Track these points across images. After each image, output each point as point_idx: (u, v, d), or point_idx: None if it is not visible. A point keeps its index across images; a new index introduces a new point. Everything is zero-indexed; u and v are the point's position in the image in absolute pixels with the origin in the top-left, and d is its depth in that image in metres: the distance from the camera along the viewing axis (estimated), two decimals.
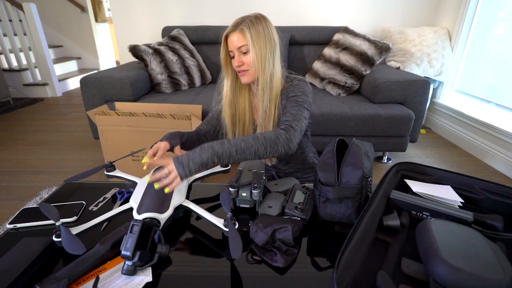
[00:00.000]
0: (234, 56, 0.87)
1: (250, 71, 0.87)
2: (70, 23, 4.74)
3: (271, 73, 0.87)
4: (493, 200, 0.67)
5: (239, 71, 0.89)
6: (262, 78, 0.87)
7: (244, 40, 0.84)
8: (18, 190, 1.72)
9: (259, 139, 0.72)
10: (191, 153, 0.67)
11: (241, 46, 0.84)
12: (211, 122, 1.02)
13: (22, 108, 3.28)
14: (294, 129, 0.78)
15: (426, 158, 2.16)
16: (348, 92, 2.18)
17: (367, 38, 2.19)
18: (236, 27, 0.84)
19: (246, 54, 0.85)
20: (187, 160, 0.66)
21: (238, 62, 0.86)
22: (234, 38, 0.85)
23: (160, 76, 2.14)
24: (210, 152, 0.67)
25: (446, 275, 0.43)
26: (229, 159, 0.70)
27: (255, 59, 0.84)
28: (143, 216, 0.61)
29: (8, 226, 0.68)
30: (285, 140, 0.75)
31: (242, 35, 0.84)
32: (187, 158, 0.66)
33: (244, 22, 0.84)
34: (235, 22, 0.85)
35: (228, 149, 0.69)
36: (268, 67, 0.86)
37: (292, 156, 1.04)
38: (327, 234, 0.66)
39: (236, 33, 0.84)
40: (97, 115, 1.56)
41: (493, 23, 2.17)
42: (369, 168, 0.68)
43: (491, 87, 2.17)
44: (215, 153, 0.68)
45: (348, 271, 0.45)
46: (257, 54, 0.84)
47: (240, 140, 0.71)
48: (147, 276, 0.54)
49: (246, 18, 0.85)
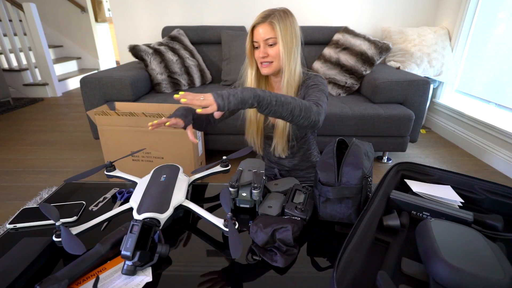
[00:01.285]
0: (258, 47, 0.89)
1: (273, 63, 0.89)
2: (70, 23, 4.74)
3: (295, 67, 0.90)
4: (493, 200, 0.67)
5: (261, 62, 0.90)
6: (288, 71, 0.89)
7: (272, 32, 0.85)
8: (18, 190, 1.72)
9: (297, 100, 0.73)
10: (232, 90, 0.66)
11: (268, 38, 0.86)
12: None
13: (22, 108, 3.28)
14: (321, 106, 0.81)
15: (426, 158, 2.16)
16: (348, 92, 2.18)
17: (367, 38, 2.19)
18: (265, 19, 0.86)
19: (272, 46, 0.87)
20: (228, 94, 0.64)
21: (263, 53, 0.88)
22: (262, 30, 0.86)
23: (160, 76, 2.14)
24: (252, 93, 0.66)
25: (446, 275, 0.43)
26: (267, 107, 0.68)
27: (282, 52, 0.87)
28: (143, 216, 0.61)
29: (8, 226, 0.68)
30: (317, 112, 0.77)
31: (271, 28, 0.85)
32: (228, 92, 0.65)
33: (273, 15, 0.85)
34: (264, 14, 0.87)
35: (269, 96, 0.68)
36: (294, 61, 0.89)
37: (298, 151, 1.05)
38: (327, 234, 0.66)
39: (265, 25, 0.86)
40: (97, 115, 1.56)
41: (493, 23, 2.17)
42: (369, 168, 0.68)
43: (491, 87, 2.16)
44: (257, 96, 0.66)
45: (348, 271, 0.45)
46: (284, 48, 0.86)
47: (280, 95, 0.70)
48: (147, 276, 0.54)
49: (275, 11, 0.87)
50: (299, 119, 0.74)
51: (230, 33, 2.38)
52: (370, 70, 2.12)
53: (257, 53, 0.90)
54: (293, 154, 1.06)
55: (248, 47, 0.91)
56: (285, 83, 0.90)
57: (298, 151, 1.05)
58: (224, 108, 0.64)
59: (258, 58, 0.90)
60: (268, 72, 0.91)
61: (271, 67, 0.90)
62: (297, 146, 1.04)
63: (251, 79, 0.96)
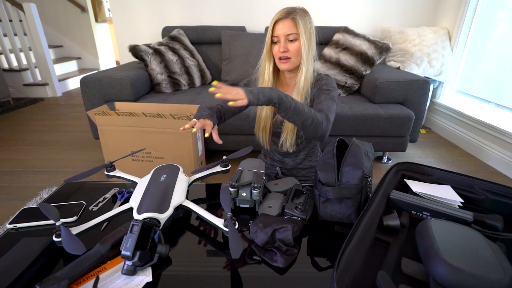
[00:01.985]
0: (278, 41, 0.90)
1: (292, 59, 0.91)
2: (70, 23, 4.74)
3: (311, 65, 0.93)
4: (493, 200, 0.67)
5: (280, 58, 0.91)
6: (305, 68, 0.91)
7: (295, 28, 0.87)
8: (18, 190, 1.72)
9: (312, 112, 0.79)
10: (260, 88, 0.73)
11: (290, 33, 0.88)
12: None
13: (22, 108, 3.28)
14: (330, 122, 0.85)
15: (426, 158, 2.16)
16: (348, 92, 2.18)
17: (367, 38, 2.19)
18: (288, 15, 0.88)
19: (292, 42, 0.89)
20: (257, 92, 0.71)
21: (283, 48, 0.89)
22: (285, 25, 0.87)
23: (160, 76, 2.14)
24: (277, 94, 0.73)
25: (446, 275, 0.43)
26: (285, 110, 0.75)
27: (303, 49, 0.89)
28: (143, 216, 0.61)
29: (8, 226, 0.68)
30: (325, 128, 0.82)
31: (294, 24, 0.87)
32: (257, 90, 0.72)
33: (295, 12, 0.88)
34: (287, 10, 0.89)
35: (290, 102, 0.74)
36: (312, 59, 0.92)
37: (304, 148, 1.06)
38: (327, 234, 0.66)
39: (288, 20, 0.87)
40: (97, 115, 1.56)
41: (493, 23, 2.17)
42: (369, 168, 0.68)
43: (491, 87, 2.17)
44: (281, 98, 0.73)
45: (348, 271, 0.45)
46: (304, 45, 0.88)
47: (299, 104, 0.77)
48: (147, 276, 0.54)
49: (296, 9, 0.89)
50: (307, 129, 0.80)
51: (230, 33, 2.38)
52: (370, 70, 2.12)
53: (277, 48, 0.91)
54: (299, 151, 1.06)
55: (268, 41, 0.92)
56: (302, 80, 0.93)
57: (304, 148, 1.06)
58: (254, 103, 0.71)
59: (276, 53, 0.91)
60: (287, 67, 0.92)
61: (290, 62, 0.91)
62: (304, 143, 1.05)
63: (268, 74, 0.97)
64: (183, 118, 1.52)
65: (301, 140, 1.02)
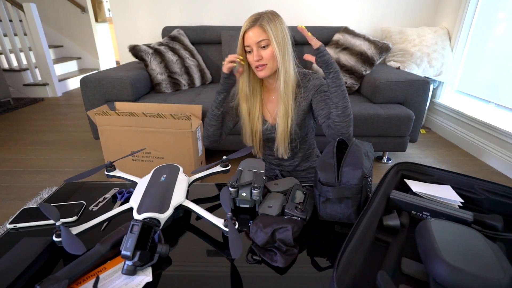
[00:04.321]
0: (251, 51, 0.89)
1: (268, 65, 0.89)
2: (70, 23, 4.74)
3: (290, 66, 0.91)
4: (493, 200, 0.67)
5: (257, 66, 0.90)
6: (283, 71, 0.90)
7: (264, 34, 0.86)
8: (18, 190, 1.72)
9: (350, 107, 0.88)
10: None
11: (260, 40, 0.86)
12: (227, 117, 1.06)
13: (22, 108, 3.29)
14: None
15: (426, 158, 2.16)
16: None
17: (367, 38, 2.19)
18: (255, 23, 0.87)
19: (265, 49, 0.88)
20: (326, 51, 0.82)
21: (257, 57, 0.88)
22: (254, 33, 0.87)
23: (160, 76, 2.14)
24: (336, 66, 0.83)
25: (446, 275, 0.43)
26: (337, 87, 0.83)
27: (277, 53, 0.87)
28: (143, 216, 0.61)
29: (8, 226, 0.68)
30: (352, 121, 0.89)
31: (262, 30, 0.86)
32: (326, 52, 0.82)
33: (261, 18, 0.87)
34: (253, 18, 0.88)
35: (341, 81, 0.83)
36: (288, 60, 0.90)
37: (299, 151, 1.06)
38: (327, 234, 0.66)
39: (256, 28, 0.86)
40: (97, 115, 1.56)
41: (493, 23, 2.17)
42: (369, 168, 0.68)
43: (491, 87, 2.17)
44: (337, 72, 0.83)
45: (348, 271, 0.45)
46: (277, 48, 0.87)
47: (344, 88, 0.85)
48: (147, 276, 0.54)
49: (262, 14, 0.88)
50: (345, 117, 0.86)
51: (230, 33, 2.38)
52: (370, 70, 2.12)
53: (251, 57, 0.90)
54: (294, 155, 1.06)
55: (239, 52, 0.91)
56: (282, 82, 0.91)
57: (299, 151, 1.05)
58: (323, 51, 0.81)
59: (252, 62, 0.90)
60: (264, 74, 0.91)
61: (267, 69, 0.90)
62: (298, 146, 1.04)
63: (242, 85, 0.96)
64: (183, 118, 1.52)
65: (295, 143, 1.01)
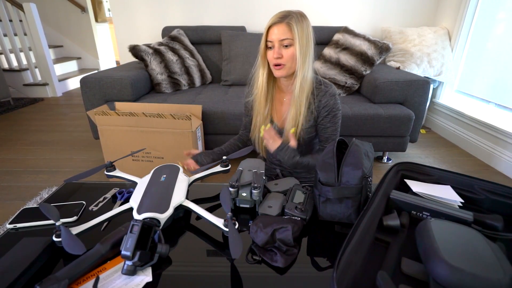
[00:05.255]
0: (272, 47, 0.87)
1: (287, 65, 0.87)
2: (70, 23, 4.74)
3: (308, 71, 0.89)
4: (493, 200, 0.67)
5: (275, 64, 0.88)
6: (301, 75, 0.88)
7: (289, 33, 0.84)
8: (18, 190, 1.72)
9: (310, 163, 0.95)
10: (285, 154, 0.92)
11: (284, 39, 0.84)
12: (248, 126, 1.09)
13: (22, 108, 3.29)
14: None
15: (426, 158, 2.16)
16: (348, 92, 2.18)
17: (367, 38, 2.19)
18: (283, 19, 0.84)
19: (287, 48, 0.86)
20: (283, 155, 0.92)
21: (277, 54, 0.86)
22: (279, 30, 0.84)
23: (160, 76, 2.14)
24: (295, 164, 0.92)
25: (446, 275, 0.43)
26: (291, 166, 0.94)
27: (298, 55, 0.85)
28: (143, 216, 0.61)
29: (8, 226, 0.68)
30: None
31: (288, 28, 0.84)
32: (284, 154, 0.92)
33: (290, 16, 0.84)
34: (281, 14, 0.85)
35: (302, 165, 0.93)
36: (307, 65, 0.88)
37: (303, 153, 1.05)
38: (327, 234, 0.66)
39: (283, 25, 0.84)
40: (97, 115, 1.56)
41: (493, 23, 2.17)
42: (369, 168, 0.68)
43: (491, 87, 2.17)
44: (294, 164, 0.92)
45: (348, 271, 0.45)
46: (300, 50, 0.85)
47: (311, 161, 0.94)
48: (147, 276, 0.54)
49: (292, 13, 0.86)
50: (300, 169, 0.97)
51: (230, 33, 2.38)
52: (370, 70, 2.12)
53: (271, 53, 0.88)
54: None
55: (262, 47, 0.89)
56: (297, 86, 0.89)
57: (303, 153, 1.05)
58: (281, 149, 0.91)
59: (271, 59, 0.88)
60: (281, 74, 0.89)
61: (284, 69, 0.88)
62: (304, 149, 1.04)
63: (262, 80, 0.95)
64: (183, 118, 1.52)
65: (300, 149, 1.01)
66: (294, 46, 0.85)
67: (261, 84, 0.96)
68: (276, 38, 0.85)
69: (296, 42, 0.84)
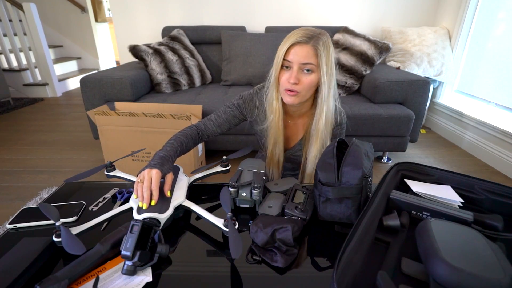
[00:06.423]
0: (289, 67, 0.76)
1: (301, 93, 0.77)
2: (70, 23, 4.74)
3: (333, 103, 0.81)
4: (493, 200, 0.67)
5: (288, 90, 0.77)
6: (326, 107, 0.79)
7: (314, 58, 0.73)
8: (18, 190, 1.72)
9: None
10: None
11: (307, 63, 0.74)
12: (222, 126, 0.93)
13: (22, 108, 3.28)
14: None
15: (426, 158, 2.16)
16: (348, 92, 2.18)
17: (367, 38, 2.19)
18: (309, 40, 0.73)
19: (307, 74, 0.75)
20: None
21: (294, 79, 0.74)
22: (303, 51, 0.73)
23: (160, 76, 2.14)
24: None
25: (446, 275, 0.43)
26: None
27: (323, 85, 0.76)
28: (143, 216, 0.61)
29: (8, 226, 0.68)
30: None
31: (314, 52, 0.73)
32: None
33: (317, 38, 0.73)
34: (308, 34, 0.73)
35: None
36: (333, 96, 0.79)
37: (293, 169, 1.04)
38: (327, 234, 0.66)
39: (307, 47, 0.73)
40: (97, 115, 1.56)
41: (493, 23, 2.17)
42: (369, 168, 0.68)
43: (491, 87, 2.17)
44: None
45: (348, 271, 0.45)
46: (324, 80, 0.75)
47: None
48: (147, 276, 0.54)
49: (319, 35, 0.74)
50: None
51: (230, 33, 2.38)
52: (370, 70, 2.12)
53: (286, 75, 0.76)
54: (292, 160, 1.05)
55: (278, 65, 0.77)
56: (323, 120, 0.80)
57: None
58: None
59: (284, 82, 0.77)
60: (292, 102, 0.78)
61: (298, 97, 0.77)
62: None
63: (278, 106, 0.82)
64: (183, 118, 1.52)
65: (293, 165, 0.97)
66: (316, 73, 0.75)
67: (276, 110, 0.83)
68: (297, 60, 0.73)
69: (321, 70, 0.74)
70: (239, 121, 0.95)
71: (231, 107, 0.92)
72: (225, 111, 0.92)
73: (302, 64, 0.74)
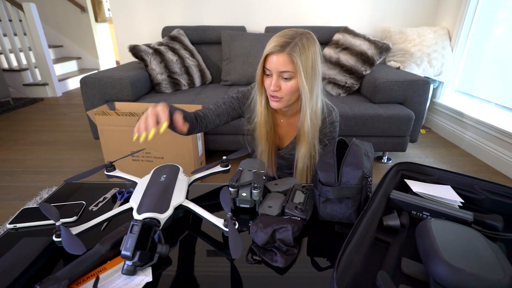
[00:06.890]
0: (270, 74, 0.78)
1: (284, 98, 0.79)
2: (70, 23, 4.74)
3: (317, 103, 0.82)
4: (493, 200, 0.67)
5: (272, 96, 0.80)
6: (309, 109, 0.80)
7: (290, 66, 0.74)
8: (18, 190, 1.72)
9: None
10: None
11: (284, 71, 0.75)
12: (221, 117, 0.92)
13: (22, 108, 3.29)
14: None
15: (426, 158, 2.16)
16: (348, 92, 2.18)
17: (367, 38, 2.19)
18: (283, 49, 0.73)
19: (286, 81, 0.77)
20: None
21: (274, 87, 0.77)
22: (278, 60, 0.74)
23: (160, 76, 2.14)
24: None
25: (446, 275, 0.43)
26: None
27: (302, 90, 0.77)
28: (143, 216, 0.61)
29: (8, 226, 0.68)
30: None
31: (289, 60, 0.73)
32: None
33: (293, 44, 0.73)
34: (282, 41, 0.73)
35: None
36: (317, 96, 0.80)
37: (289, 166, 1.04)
38: (327, 234, 0.66)
39: (282, 55, 0.73)
40: (97, 115, 1.56)
41: (493, 23, 2.17)
42: (369, 168, 0.68)
43: (491, 87, 2.17)
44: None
45: (348, 271, 0.45)
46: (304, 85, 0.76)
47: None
48: (147, 276, 0.54)
49: (295, 39, 0.73)
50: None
51: (230, 33, 2.38)
52: (370, 70, 2.12)
53: (268, 82, 0.78)
54: None
55: (259, 73, 0.80)
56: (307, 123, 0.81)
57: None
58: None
59: (268, 88, 0.80)
60: (278, 106, 0.82)
61: (282, 102, 0.80)
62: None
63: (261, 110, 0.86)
64: None
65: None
66: (295, 79, 0.76)
67: (260, 113, 0.88)
68: (274, 68, 0.75)
69: (299, 75, 0.74)
70: (237, 116, 0.96)
71: (230, 99, 0.93)
72: (224, 102, 0.92)
73: (280, 72, 0.76)
